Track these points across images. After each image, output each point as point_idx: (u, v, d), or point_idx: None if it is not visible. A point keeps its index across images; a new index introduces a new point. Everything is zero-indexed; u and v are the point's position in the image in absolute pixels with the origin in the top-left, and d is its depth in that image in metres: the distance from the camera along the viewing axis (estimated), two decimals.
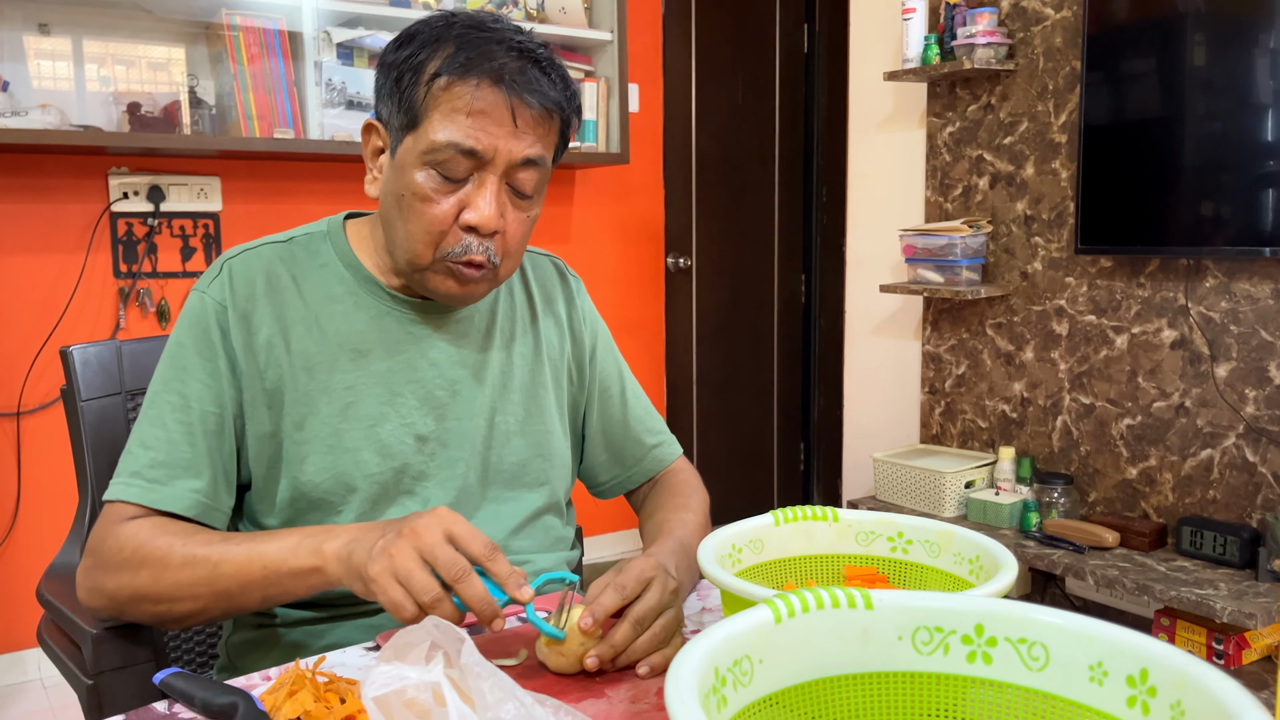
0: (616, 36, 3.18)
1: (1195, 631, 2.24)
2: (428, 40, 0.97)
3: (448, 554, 0.79)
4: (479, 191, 0.96)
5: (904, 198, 3.04)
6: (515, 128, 0.95)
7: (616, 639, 0.82)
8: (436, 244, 0.97)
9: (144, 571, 0.91)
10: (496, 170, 0.96)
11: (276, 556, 0.88)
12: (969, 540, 0.86)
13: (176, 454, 0.97)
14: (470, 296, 1.02)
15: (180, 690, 0.77)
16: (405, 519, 0.84)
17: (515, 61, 0.95)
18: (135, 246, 2.67)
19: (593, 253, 3.46)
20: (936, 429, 2.98)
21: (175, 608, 0.92)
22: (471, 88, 0.94)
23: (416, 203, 0.96)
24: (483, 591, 0.79)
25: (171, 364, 1.00)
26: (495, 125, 0.94)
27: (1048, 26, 2.60)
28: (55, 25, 2.50)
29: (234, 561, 0.89)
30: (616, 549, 3.57)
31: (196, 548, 0.91)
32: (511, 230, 0.99)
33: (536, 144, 0.97)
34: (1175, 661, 0.54)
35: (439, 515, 0.82)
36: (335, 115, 2.71)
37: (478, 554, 0.80)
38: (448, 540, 0.80)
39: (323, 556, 0.86)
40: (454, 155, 0.94)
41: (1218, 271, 2.32)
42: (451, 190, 0.96)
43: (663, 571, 0.87)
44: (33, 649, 2.63)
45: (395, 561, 0.79)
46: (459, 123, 0.94)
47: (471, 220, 0.96)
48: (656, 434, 1.25)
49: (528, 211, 1.01)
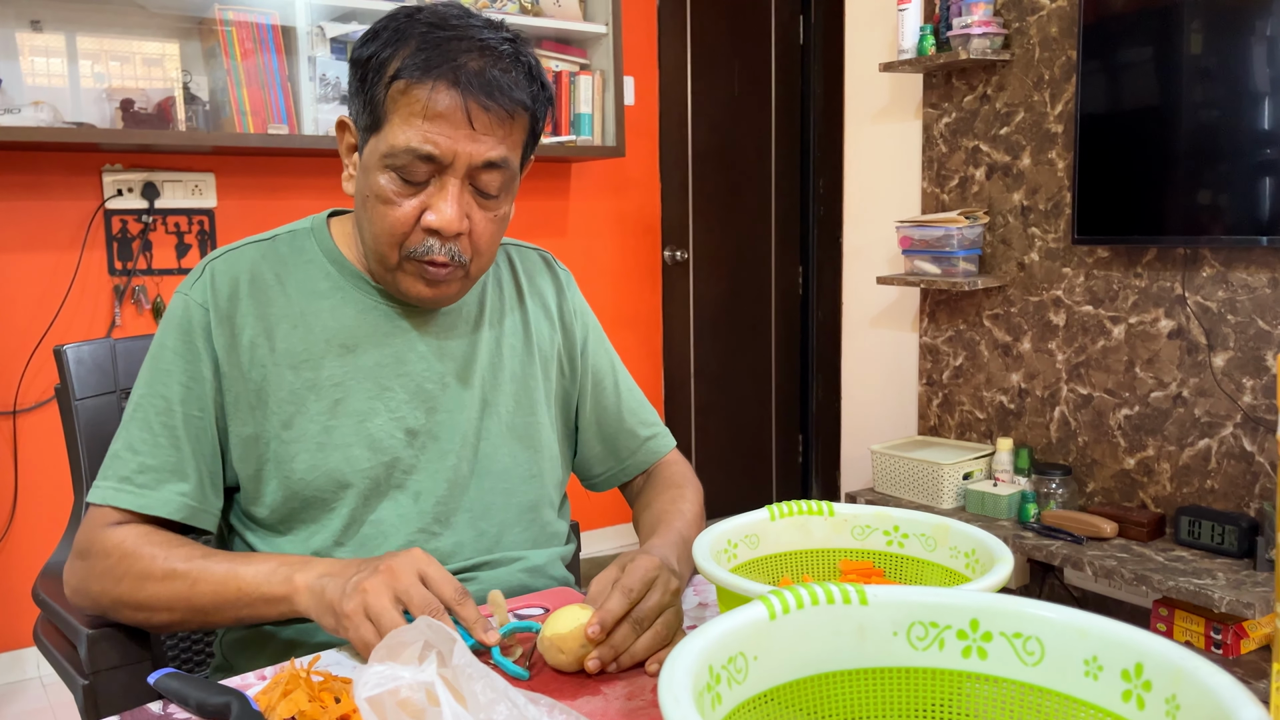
0: (611, 29, 3.17)
1: (1194, 621, 2.24)
2: (390, 39, 0.95)
3: (422, 594, 0.81)
4: (440, 194, 0.96)
5: (900, 189, 3.04)
6: (473, 130, 0.94)
7: (616, 640, 0.82)
8: (400, 244, 0.98)
9: (126, 581, 0.93)
10: (457, 173, 0.95)
11: (251, 581, 0.90)
12: (965, 534, 0.86)
13: (162, 458, 0.97)
14: (442, 298, 1.02)
15: (175, 690, 0.77)
16: (380, 558, 0.85)
17: (476, 61, 0.94)
18: (130, 244, 2.67)
19: (589, 246, 3.46)
20: (934, 420, 2.98)
21: (154, 617, 0.94)
22: (428, 90, 0.93)
23: (379, 205, 0.96)
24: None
25: (154, 367, 1.00)
26: (452, 129, 0.94)
27: (1043, 16, 2.59)
28: (48, 22, 2.48)
29: (211, 580, 0.91)
30: (613, 543, 3.57)
31: (177, 562, 0.92)
32: (479, 230, 0.99)
33: (498, 146, 0.96)
34: (1170, 655, 0.54)
35: (413, 556, 0.84)
36: (329, 110, 2.70)
37: (448, 598, 0.82)
38: (421, 580, 0.82)
39: (293, 586, 0.88)
40: (412, 160, 0.94)
41: (1215, 261, 2.31)
42: (413, 193, 0.96)
43: (666, 570, 0.87)
44: (31, 647, 2.63)
45: (369, 599, 0.81)
46: (416, 126, 0.93)
47: (432, 223, 0.96)
48: (650, 426, 1.24)
49: (495, 211, 1.00)
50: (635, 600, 0.84)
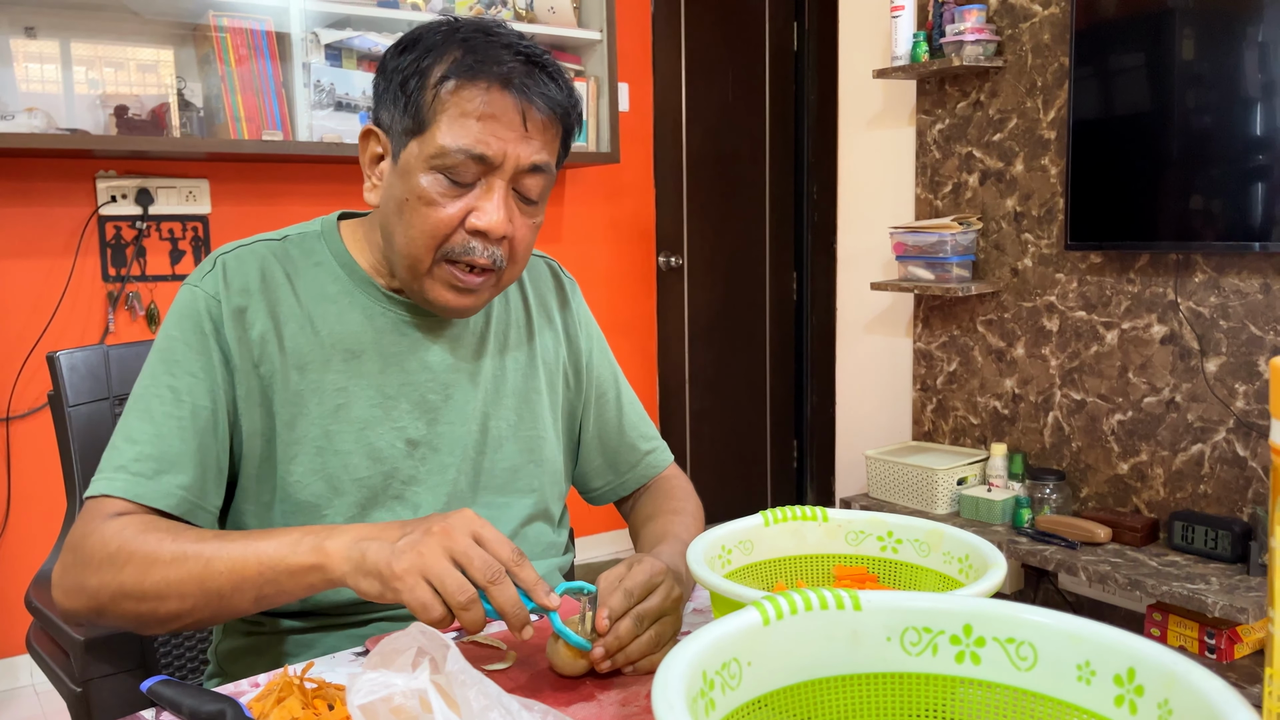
0: (606, 36, 3.18)
1: (1187, 626, 2.24)
2: (432, 45, 0.95)
3: (482, 555, 0.77)
4: (487, 196, 0.95)
5: (894, 195, 3.05)
6: (525, 132, 0.95)
7: (621, 631, 0.82)
8: (438, 245, 0.96)
9: (129, 568, 0.86)
10: (505, 175, 0.95)
11: (274, 554, 0.83)
12: (958, 539, 0.86)
13: (164, 448, 0.93)
14: (467, 308, 1.01)
15: (168, 698, 0.76)
16: (429, 518, 0.81)
17: (522, 65, 0.95)
18: (124, 250, 2.66)
19: (584, 252, 3.46)
20: (928, 426, 2.98)
21: (161, 607, 0.86)
22: (481, 91, 0.93)
23: (421, 206, 0.95)
24: (516, 595, 0.77)
25: (161, 358, 0.97)
26: (506, 129, 0.94)
27: (1036, 23, 2.60)
28: (42, 28, 2.48)
29: (228, 558, 0.84)
30: (609, 549, 3.57)
31: (187, 544, 0.86)
32: (519, 236, 0.99)
33: (543, 150, 0.97)
34: (1162, 660, 0.54)
35: (466, 517, 0.80)
36: (324, 117, 2.70)
37: (506, 559, 0.78)
38: (476, 542, 0.79)
39: (325, 554, 0.82)
40: (464, 160, 0.93)
41: (1207, 266, 2.32)
42: (458, 195, 0.95)
43: (670, 576, 0.87)
44: (24, 655, 2.62)
45: (425, 560, 0.77)
46: (469, 127, 0.93)
47: (480, 225, 0.95)
48: (650, 440, 1.24)
49: (533, 218, 1.00)
50: (636, 602, 0.84)
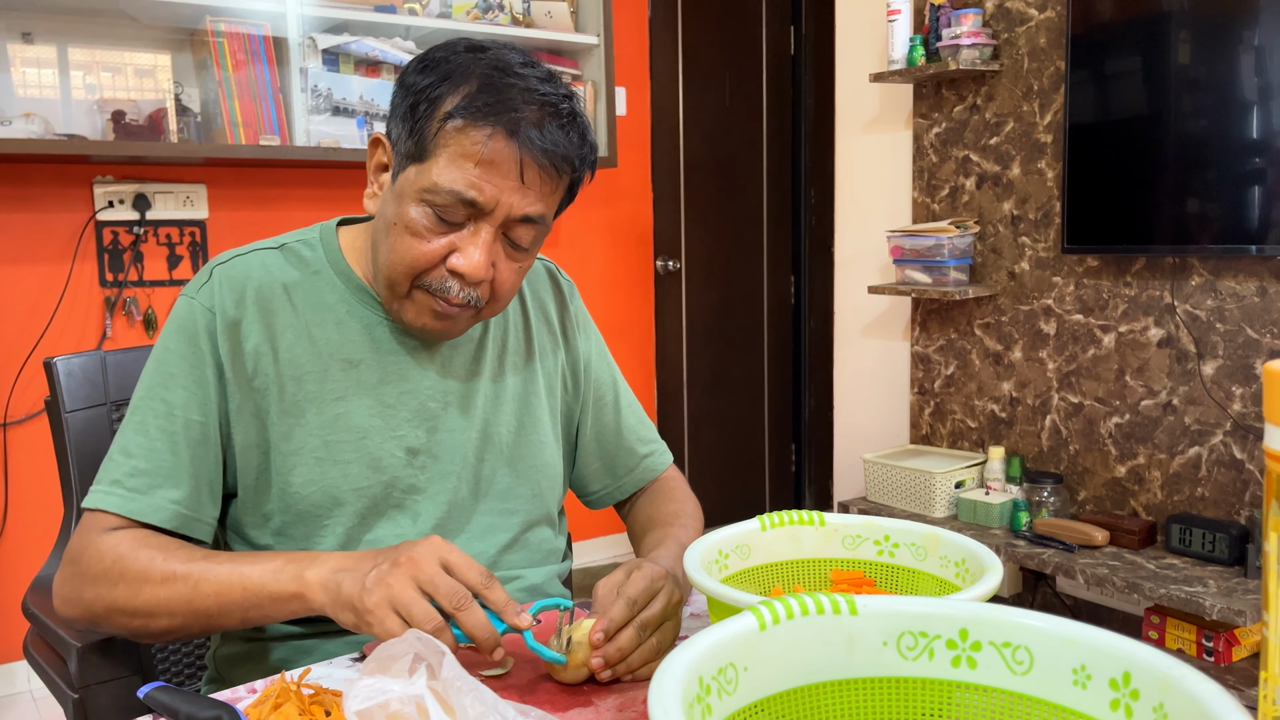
0: (603, 40, 3.18)
1: (1185, 629, 2.24)
2: (451, 72, 0.93)
3: (448, 583, 0.78)
4: (473, 240, 0.94)
5: (891, 199, 3.05)
6: (521, 184, 0.93)
7: (623, 641, 0.82)
8: (416, 276, 0.96)
9: (122, 585, 0.89)
10: (494, 222, 0.94)
11: (258, 580, 0.86)
12: (955, 543, 0.86)
13: (158, 462, 0.95)
14: (444, 332, 1.00)
15: (165, 704, 0.76)
16: (398, 548, 0.82)
17: (536, 113, 0.93)
18: (121, 255, 2.66)
19: (582, 256, 3.46)
20: (926, 429, 2.98)
21: (152, 623, 0.90)
22: (485, 136, 0.91)
23: (406, 235, 0.94)
24: (484, 620, 0.78)
25: (157, 370, 0.98)
26: (501, 178, 0.92)
27: (1032, 27, 2.61)
28: (39, 33, 2.48)
29: (215, 581, 0.87)
30: (607, 553, 3.57)
31: (177, 564, 0.89)
32: (501, 279, 0.98)
33: (539, 202, 0.95)
34: (1158, 664, 0.54)
35: (434, 544, 0.81)
36: (321, 121, 2.70)
37: (474, 582, 0.80)
38: (444, 569, 0.80)
39: (305, 583, 0.84)
40: (454, 202, 0.92)
41: (1203, 270, 2.33)
42: (445, 231, 0.94)
43: (670, 581, 0.87)
44: (21, 661, 2.61)
45: (393, 591, 0.78)
46: (465, 170, 0.91)
47: (459, 267, 0.94)
48: (648, 443, 1.23)
49: (520, 262, 0.99)
50: (638, 611, 0.84)
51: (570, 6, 3.18)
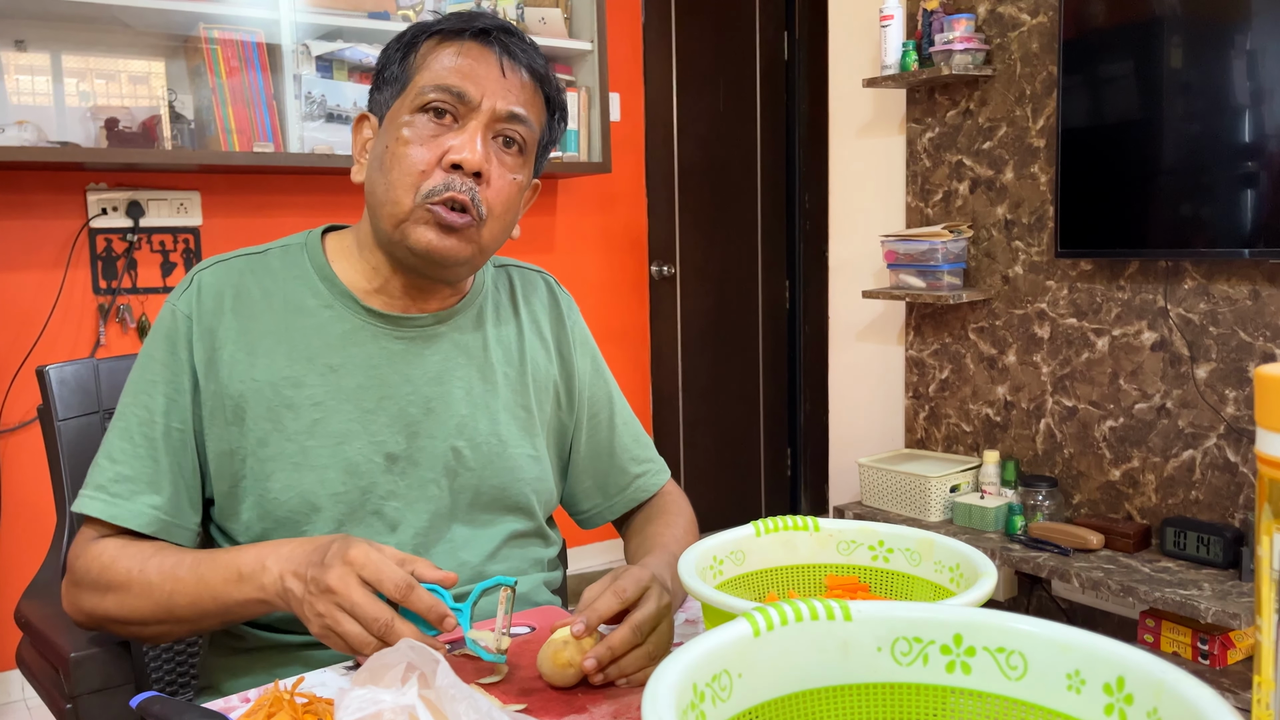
0: (597, 46, 3.19)
1: (1180, 632, 2.24)
2: (418, 30, 1.02)
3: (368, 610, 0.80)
4: (463, 133, 0.98)
5: (885, 203, 3.05)
6: (503, 78, 0.99)
7: (615, 641, 0.81)
8: (418, 186, 0.97)
9: (110, 596, 0.93)
10: (482, 118, 0.98)
11: (223, 589, 0.89)
12: (949, 548, 0.86)
13: (140, 468, 0.97)
14: (450, 250, 0.98)
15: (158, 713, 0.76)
16: (322, 567, 0.82)
17: (502, 25, 1.02)
18: (115, 262, 2.66)
19: (576, 262, 3.46)
20: (921, 433, 2.99)
21: (145, 630, 0.94)
22: (460, 42, 0.99)
23: (400, 148, 0.98)
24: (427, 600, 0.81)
25: (140, 376, 1.00)
26: (484, 71, 0.98)
27: (1024, 32, 2.62)
28: (32, 41, 2.48)
29: (185, 594, 0.91)
30: (602, 559, 3.56)
31: (152, 574, 0.92)
32: (495, 184, 0.99)
33: (523, 106, 1.00)
34: (1152, 668, 0.54)
35: (350, 560, 0.81)
36: (315, 128, 2.70)
37: (391, 595, 0.81)
38: (362, 585, 0.81)
39: (265, 591, 0.88)
40: (443, 95, 0.97)
41: (1196, 273, 2.33)
42: (437, 134, 0.98)
43: (658, 584, 0.87)
44: (15, 670, 2.60)
45: (326, 621, 0.81)
46: (448, 68, 0.98)
47: (455, 158, 0.97)
48: (643, 463, 1.21)
49: (513, 172, 1.01)
50: (628, 602, 0.83)
51: (564, 12, 3.19)
